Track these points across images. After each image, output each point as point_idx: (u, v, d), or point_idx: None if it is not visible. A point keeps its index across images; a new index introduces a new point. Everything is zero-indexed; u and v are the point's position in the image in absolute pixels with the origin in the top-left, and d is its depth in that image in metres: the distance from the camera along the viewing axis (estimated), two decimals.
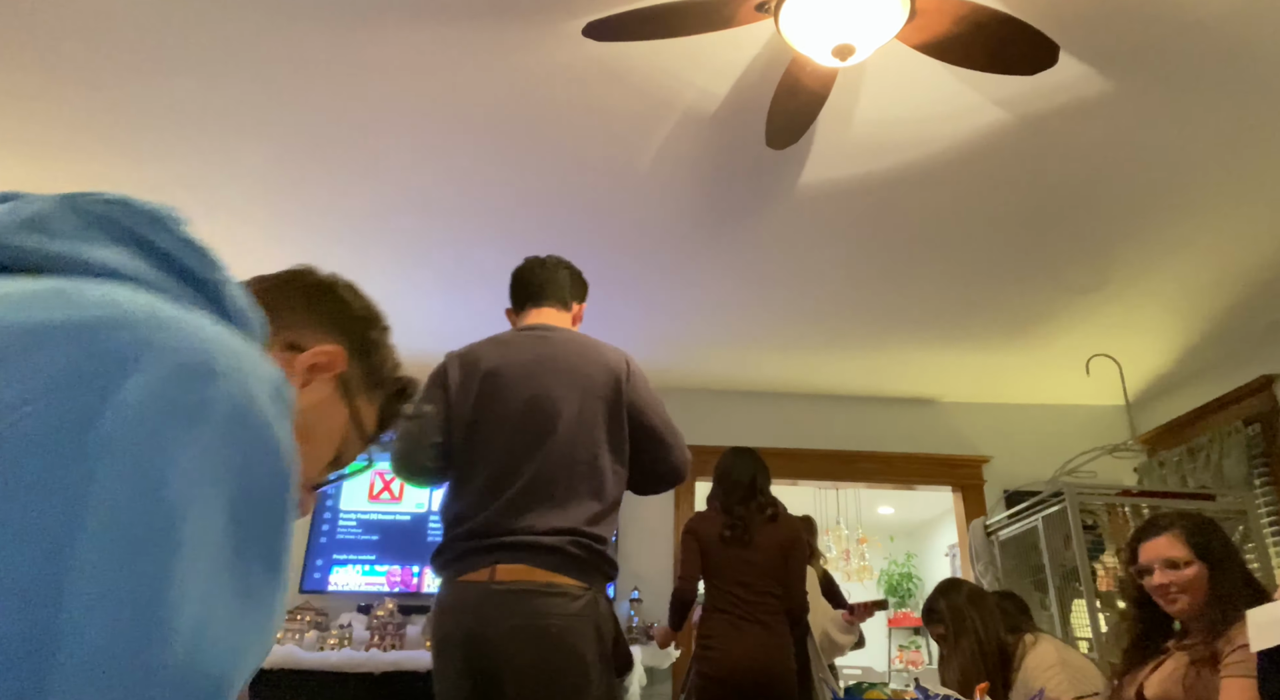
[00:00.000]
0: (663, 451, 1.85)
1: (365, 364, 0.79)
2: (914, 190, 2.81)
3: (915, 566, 7.84)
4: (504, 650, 1.57)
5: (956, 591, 2.50)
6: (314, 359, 0.73)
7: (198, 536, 0.39)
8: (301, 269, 0.83)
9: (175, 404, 0.40)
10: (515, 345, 1.87)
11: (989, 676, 2.24)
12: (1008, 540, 3.97)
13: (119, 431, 0.37)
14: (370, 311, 0.83)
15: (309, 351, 0.73)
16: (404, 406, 0.86)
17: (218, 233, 3.15)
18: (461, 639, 1.61)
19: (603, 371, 1.82)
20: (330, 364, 0.74)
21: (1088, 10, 2.03)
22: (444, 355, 1.93)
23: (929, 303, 3.61)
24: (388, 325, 0.85)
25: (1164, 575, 1.89)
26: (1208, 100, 2.34)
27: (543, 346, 1.85)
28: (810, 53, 1.86)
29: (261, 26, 2.16)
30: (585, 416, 1.76)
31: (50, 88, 2.39)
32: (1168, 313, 3.63)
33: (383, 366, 0.82)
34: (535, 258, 2.06)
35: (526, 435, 1.74)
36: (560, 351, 1.84)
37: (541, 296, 1.99)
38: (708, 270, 3.39)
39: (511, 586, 1.59)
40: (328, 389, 0.74)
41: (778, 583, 2.80)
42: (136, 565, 0.36)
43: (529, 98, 2.40)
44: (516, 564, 1.61)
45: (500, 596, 1.59)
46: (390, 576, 4.04)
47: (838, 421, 4.64)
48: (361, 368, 0.78)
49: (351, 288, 0.84)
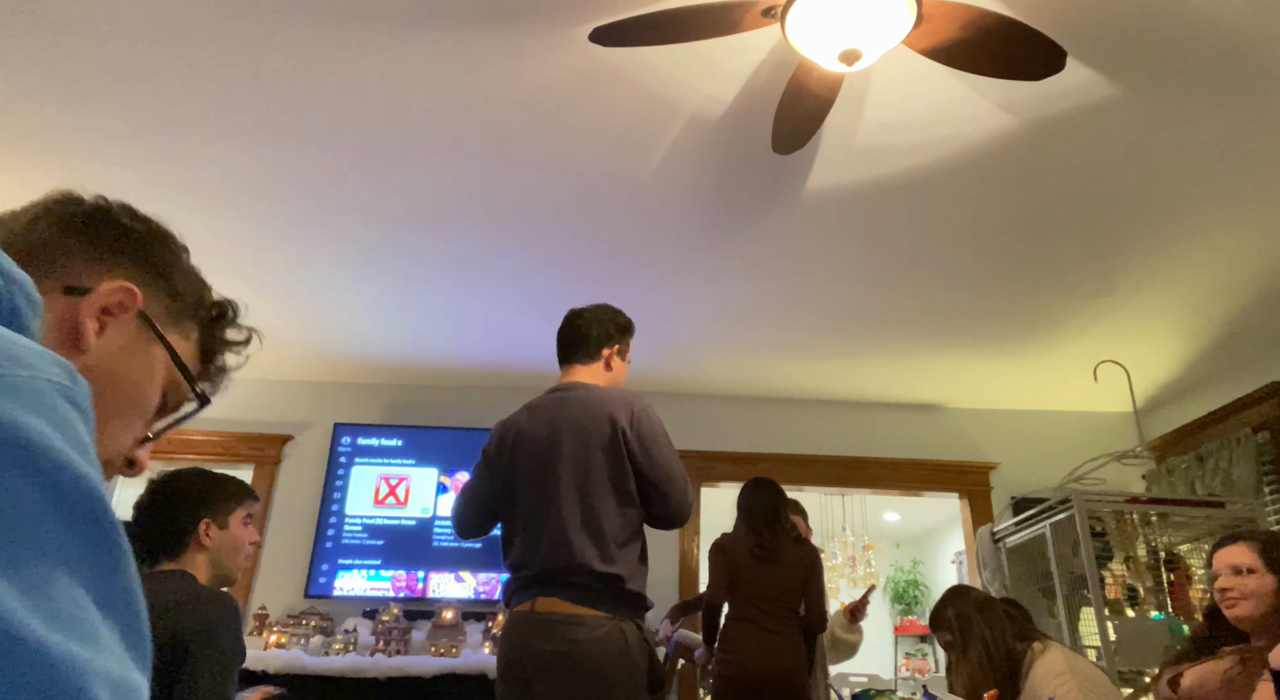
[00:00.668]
0: (659, 499, 2.02)
1: (167, 292, 0.68)
2: (920, 195, 2.81)
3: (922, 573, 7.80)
4: (539, 668, 1.86)
5: (964, 599, 2.48)
6: (103, 300, 0.61)
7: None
8: (62, 197, 0.68)
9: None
10: (539, 409, 2.13)
11: (997, 685, 2.22)
12: (1015, 547, 3.95)
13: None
14: (158, 230, 0.70)
15: (95, 293, 0.61)
16: (227, 330, 0.75)
17: (217, 234, 3.16)
18: (513, 657, 1.92)
19: (604, 423, 2.01)
20: (125, 302, 0.62)
21: (1096, 15, 2.03)
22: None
23: (935, 308, 3.60)
24: (183, 243, 0.72)
25: (1228, 579, 1.94)
26: (1216, 105, 2.33)
27: (558, 407, 2.09)
28: (817, 58, 1.86)
29: (265, 34, 2.16)
30: (590, 467, 1.99)
31: (46, 91, 2.41)
32: (1176, 319, 3.61)
33: (188, 291, 0.70)
34: (570, 313, 2.25)
35: (544, 492, 2.00)
36: (569, 411, 2.06)
37: (569, 355, 2.23)
38: (713, 275, 3.39)
39: (547, 616, 1.89)
40: (130, 330, 0.64)
41: (797, 599, 3.03)
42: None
43: (536, 103, 2.41)
44: (550, 598, 1.91)
45: (538, 624, 1.90)
46: (395, 581, 4.03)
47: (844, 427, 4.63)
48: (164, 298, 0.67)
49: (129, 208, 0.70)
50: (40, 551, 0.32)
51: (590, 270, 3.37)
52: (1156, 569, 3.53)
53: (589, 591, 1.89)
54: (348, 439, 4.31)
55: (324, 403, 4.49)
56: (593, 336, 2.19)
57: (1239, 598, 1.91)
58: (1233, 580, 1.93)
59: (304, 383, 4.54)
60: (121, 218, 0.68)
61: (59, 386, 0.36)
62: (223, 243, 3.20)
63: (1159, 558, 3.55)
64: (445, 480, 4.24)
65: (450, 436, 4.34)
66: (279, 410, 4.44)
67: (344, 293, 3.60)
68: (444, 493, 4.21)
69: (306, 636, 3.72)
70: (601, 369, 2.19)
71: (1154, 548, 3.57)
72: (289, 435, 4.40)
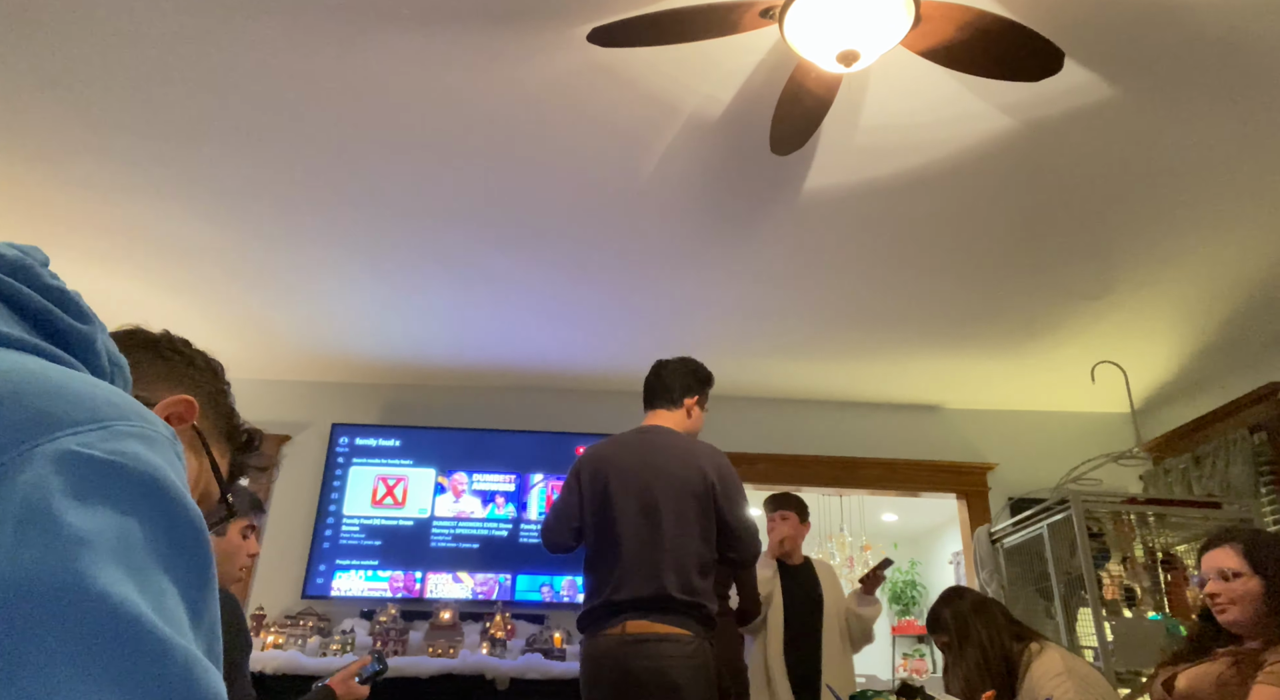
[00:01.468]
0: (739, 546, 2.30)
1: (216, 414, 0.80)
2: (918, 196, 2.81)
3: (919, 574, 7.81)
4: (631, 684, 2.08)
5: (960, 599, 2.48)
6: (169, 409, 0.71)
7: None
8: (134, 328, 0.83)
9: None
10: (628, 446, 2.37)
11: (994, 685, 2.22)
12: (1013, 548, 3.95)
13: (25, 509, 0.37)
14: (213, 364, 0.85)
15: (163, 403, 0.71)
16: (250, 457, 0.86)
17: (216, 234, 3.16)
18: (606, 676, 2.13)
19: (697, 475, 2.27)
20: (186, 414, 0.72)
21: (1093, 16, 2.03)
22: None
23: (933, 309, 3.60)
24: (227, 379, 0.86)
25: (1215, 585, 1.94)
26: (1213, 106, 2.34)
27: (647, 449, 2.34)
28: (815, 59, 1.86)
29: (264, 35, 2.16)
30: (682, 510, 2.24)
31: (43, 93, 2.40)
32: (1173, 319, 3.62)
33: (232, 416, 0.83)
34: (657, 364, 2.53)
35: (638, 528, 2.23)
36: (661, 456, 2.31)
37: (653, 400, 2.49)
38: (711, 276, 3.39)
39: (639, 636, 2.12)
40: (184, 439, 0.73)
41: None
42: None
43: (534, 104, 2.41)
44: (640, 621, 2.14)
45: (629, 644, 2.12)
46: (393, 582, 4.03)
47: (842, 428, 4.63)
48: (214, 418, 0.80)
49: (188, 343, 0.84)
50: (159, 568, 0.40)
51: (588, 270, 3.37)
52: (1154, 569, 3.53)
53: (677, 615, 2.14)
54: (345, 439, 4.31)
55: (321, 403, 4.48)
56: (676, 387, 2.48)
57: (1227, 603, 1.91)
58: (1220, 586, 1.93)
59: (301, 383, 4.54)
60: (184, 349, 0.83)
61: (170, 441, 0.46)
62: (221, 243, 3.19)
63: (1156, 558, 3.56)
64: (443, 481, 4.24)
65: (448, 437, 4.33)
66: (276, 410, 4.43)
67: (341, 293, 3.59)
68: (441, 493, 4.21)
69: (304, 637, 3.71)
70: (683, 416, 2.47)
71: (1151, 548, 3.57)
72: (286, 435, 4.39)
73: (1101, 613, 3.28)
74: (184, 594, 0.41)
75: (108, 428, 0.42)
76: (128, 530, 0.39)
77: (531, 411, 4.52)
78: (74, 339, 0.50)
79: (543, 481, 4.28)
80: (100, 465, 0.40)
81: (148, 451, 0.42)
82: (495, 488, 4.24)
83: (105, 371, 0.51)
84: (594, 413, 4.50)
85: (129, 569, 0.38)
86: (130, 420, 0.44)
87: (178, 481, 0.43)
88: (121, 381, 0.53)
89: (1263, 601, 1.87)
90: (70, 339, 0.50)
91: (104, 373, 0.51)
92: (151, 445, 0.43)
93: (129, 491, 0.40)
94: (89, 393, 0.43)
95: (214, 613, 0.44)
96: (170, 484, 0.42)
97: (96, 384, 0.45)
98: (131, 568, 0.38)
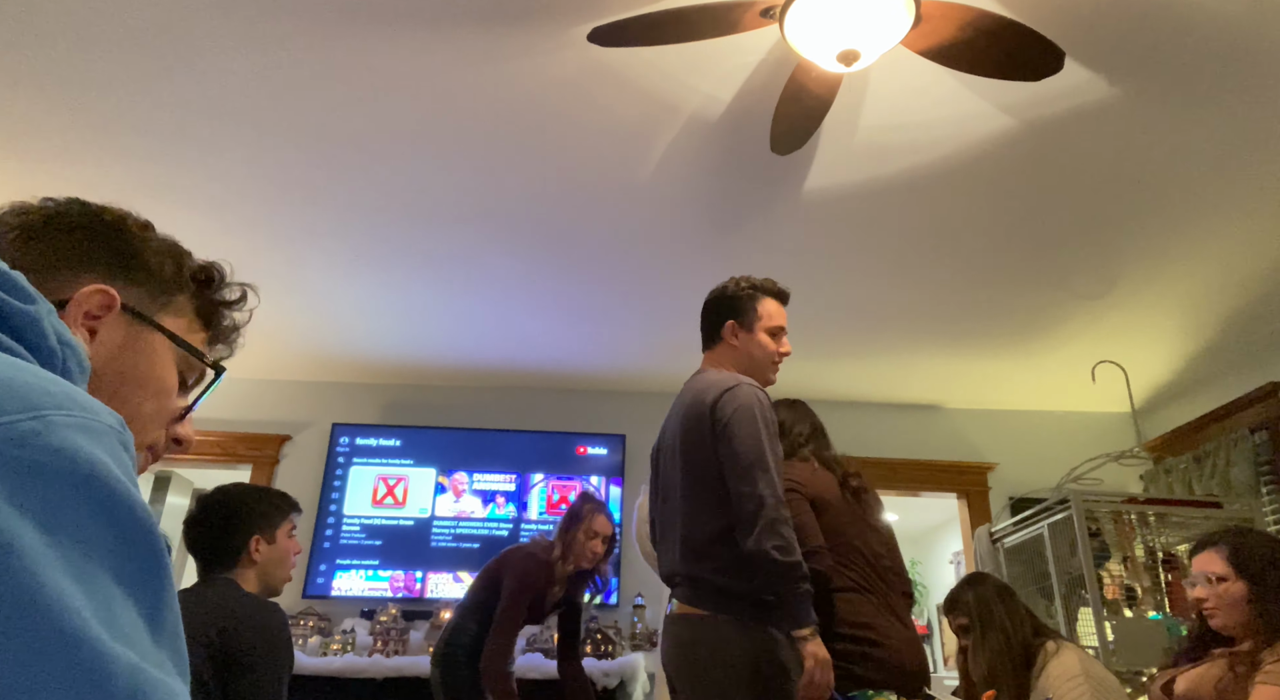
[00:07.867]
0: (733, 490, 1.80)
1: (142, 277, 0.66)
2: (919, 196, 2.81)
3: (920, 574, 7.80)
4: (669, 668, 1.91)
5: (983, 583, 2.44)
6: (83, 308, 0.61)
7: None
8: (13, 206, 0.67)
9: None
10: (667, 417, 2.08)
11: (1014, 674, 2.21)
12: (1013, 548, 3.95)
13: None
14: (112, 220, 0.68)
15: (73, 302, 0.61)
16: (220, 292, 0.74)
17: (215, 235, 3.15)
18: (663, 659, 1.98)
19: (698, 416, 1.90)
20: (104, 302, 0.62)
21: (1093, 16, 2.03)
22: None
23: (934, 308, 3.60)
24: (143, 220, 0.70)
25: (1202, 590, 1.95)
26: (1214, 106, 2.34)
27: (677, 403, 2.02)
28: (815, 58, 1.86)
29: (264, 35, 2.16)
30: (684, 462, 1.92)
31: (40, 93, 2.40)
32: (1174, 319, 3.62)
33: (165, 268, 0.69)
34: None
35: (659, 494, 2.04)
36: (679, 407, 1.99)
37: (704, 347, 2.12)
38: (711, 275, 3.36)
39: (669, 617, 1.95)
40: (121, 325, 0.63)
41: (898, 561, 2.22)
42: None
43: (534, 103, 2.40)
44: (675, 600, 1.94)
45: (666, 625, 1.96)
46: (394, 581, 4.03)
47: (842, 427, 4.58)
48: (141, 283, 0.66)
49: (78, 203, 0.68)
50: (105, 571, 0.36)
51: (588, 270, 3.37)
52: (1154, 569, 3.53)
53: (694, 592, 1.85)
54: (346, 439, 4.31)
55: (322, 403, 4.49)
56: (708, 322, 2.09)
57: (1214, 608, 1.92)
58: (1206, 591, 1.94)
59: (302, 383, 4.54)
60: (73, 214, 0.66)
61: (116, 431, 0.42)
62: (221, 243, 3.19)
63: (1156, 558, 3.55)
64: (443, 480, 4.24)
65: (448, 436, 4.33)
66: (277, 410, 4.43)
67: (342, 293, 3.59)
68: (442, 493, 4.21)
69: (304, 637, 3.71)
70: (725, 351, 2.04)
71: (1151, 548, 3.57)
72: (287, 435, 4.39)
73: (1102, 612, 3.28)
74: (137, 598, 0.37)
75: (42, 418, 0.38)
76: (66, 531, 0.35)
77: (531, 411, 4.52)
78: (18, 321, 0.45)
79: (543, 481, 4.28)
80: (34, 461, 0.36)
81: (89, 444, 0.39)
82: (496, 487, 4.25)
83: (54, 353, 0.47)
84: (594, 413, 4.50)
85: (72, 576, 0.34)
86: (68, 409, 0.39)
87: (123, 476, 0.39)
88: (75, 363, 0.48)
89: (1248, 604, 1.87)
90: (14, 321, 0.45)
91: (53, 354, 0.47)
92: (93, 437, 0.39)
93: (67, 489, 0.36)
94: (22, 379, 0.39)
95: (174, 614, 0.40)
96: (113, 479, 0.38)
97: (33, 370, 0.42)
98: (73, 573, 0.34)
